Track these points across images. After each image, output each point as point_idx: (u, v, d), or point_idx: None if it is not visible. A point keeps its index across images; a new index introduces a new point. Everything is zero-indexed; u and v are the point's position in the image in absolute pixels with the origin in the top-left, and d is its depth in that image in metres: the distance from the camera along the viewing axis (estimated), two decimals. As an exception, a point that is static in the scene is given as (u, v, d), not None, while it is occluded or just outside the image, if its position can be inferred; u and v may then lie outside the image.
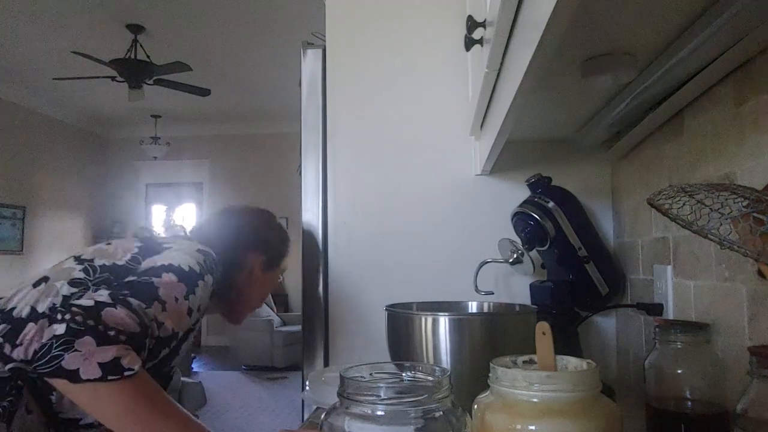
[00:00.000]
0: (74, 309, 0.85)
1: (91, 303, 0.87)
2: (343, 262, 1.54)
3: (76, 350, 0.81)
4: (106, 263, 1.02)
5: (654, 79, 0.89)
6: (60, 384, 0.82)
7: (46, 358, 0.81)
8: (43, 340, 0.83)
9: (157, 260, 1.02)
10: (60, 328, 0.83)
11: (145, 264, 1.02)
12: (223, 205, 1.39)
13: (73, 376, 0.80)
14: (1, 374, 0.87)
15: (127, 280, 0.97)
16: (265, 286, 1.32)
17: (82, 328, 0.83)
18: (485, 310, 1.16)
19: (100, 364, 0.81)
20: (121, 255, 1.04)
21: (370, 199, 1.55)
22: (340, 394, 0.55)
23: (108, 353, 0.82)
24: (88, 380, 0.80)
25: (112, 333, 0.84)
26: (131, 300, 0.91)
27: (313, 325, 1.55)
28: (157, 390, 0.88)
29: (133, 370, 0.83)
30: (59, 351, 0.81)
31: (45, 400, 0.91)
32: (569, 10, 0.52)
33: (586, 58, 0.85)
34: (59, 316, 0.85)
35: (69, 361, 0.81)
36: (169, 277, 0.98)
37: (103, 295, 0.90)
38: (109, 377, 0.81)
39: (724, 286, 0.86)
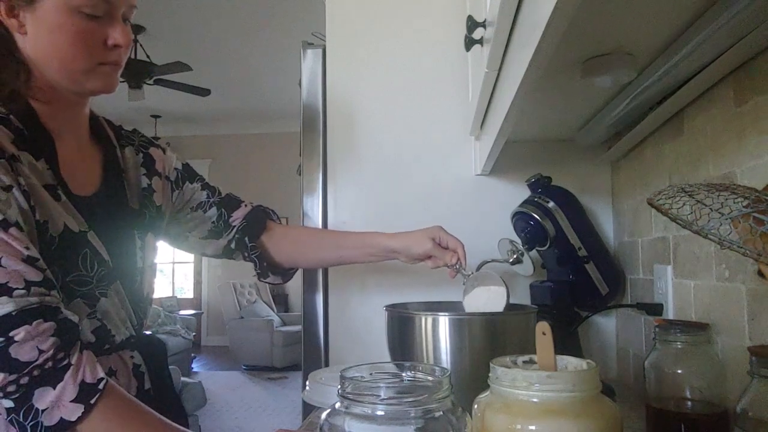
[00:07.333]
0: None
1: None
2: (343, 262, 1.54)
3: (43, 410, 0.69)
4: None
5: (654, 79, 0.89)
6: None
7: None
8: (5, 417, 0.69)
9: None
10: (6, 403, 0.68)
11: None
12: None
13: (67, 426, 0.69)
14: None
15: None
16: (57, 28, 0.82)
17: (22, 391, 0.68)
18: (485, 310, 1.16)
19: (72, 400, 0.70)
20: None
21: (369, 199, 1.55)
22: (340, 394, 0.55)
23: (58, 388, 0.69)
24: (78, 420, 0.69)
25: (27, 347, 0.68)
26: None
27: (313, 325, 1.55)
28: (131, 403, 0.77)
29: (102, 380, 0.73)
30: (32, 422, 0.68)
31: None
32: (569, 10, 0.52)
33: (586, 58, 0.85)
34: None
35: (48, 419, 0.68)
36: None
37: None
38: (91, 402, 0.70)
39: (724, 286, 0.86)
